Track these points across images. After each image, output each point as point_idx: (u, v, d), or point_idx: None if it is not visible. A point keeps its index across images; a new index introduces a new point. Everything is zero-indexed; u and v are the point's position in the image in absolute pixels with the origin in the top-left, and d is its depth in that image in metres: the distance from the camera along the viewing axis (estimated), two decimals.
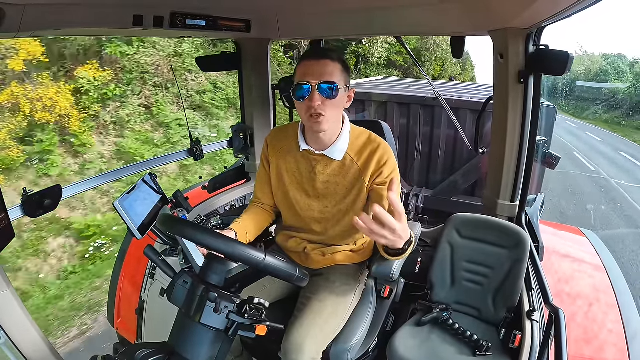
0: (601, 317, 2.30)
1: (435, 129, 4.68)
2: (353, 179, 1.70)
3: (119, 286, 2.80)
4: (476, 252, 2.03)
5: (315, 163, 1.73)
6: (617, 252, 7.56)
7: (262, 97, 2.75)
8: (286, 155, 1.79)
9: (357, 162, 1.69)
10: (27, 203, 1.65)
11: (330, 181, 1.73)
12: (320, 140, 1.67)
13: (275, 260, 1.21)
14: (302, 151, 1.73)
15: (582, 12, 1.48)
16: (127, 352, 1.16)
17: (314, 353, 1.59)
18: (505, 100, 1.96)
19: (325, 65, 1.55)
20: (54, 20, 1.44)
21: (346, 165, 1.71)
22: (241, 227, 1.72)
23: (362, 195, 1.70)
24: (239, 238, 1.65)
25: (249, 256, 1.17)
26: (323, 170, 1.73)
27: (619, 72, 37.21)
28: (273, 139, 1.85)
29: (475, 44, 28.66)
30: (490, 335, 1.90)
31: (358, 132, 1.74)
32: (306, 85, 1.53)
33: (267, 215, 1.91)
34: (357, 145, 1.71)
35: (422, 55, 20.18)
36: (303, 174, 1.76)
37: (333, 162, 1.71)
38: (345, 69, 1.61)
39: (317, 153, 1.70)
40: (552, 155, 2.90)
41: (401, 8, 1.99)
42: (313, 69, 1.55)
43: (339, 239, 1.84)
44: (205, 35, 2.38)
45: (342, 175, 1.72)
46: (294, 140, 1.76)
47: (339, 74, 1.57)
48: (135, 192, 1.77)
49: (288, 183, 1.80)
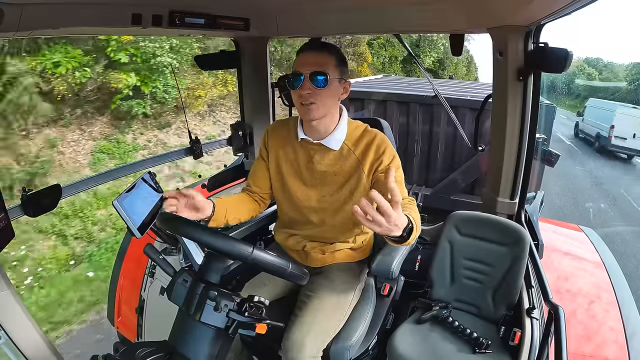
0: (601, 315, 2.31)
1: (434, 127, 4.68)
2: (350, 168, 1.72)
3: (119, 285, 2.80)
4: (476, 249, 2.04)
5: (313, 152, 1.75)
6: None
7: (261, 95, 2.75)
8: (285, 145, 1.81)
9: (355, 151, 1.72)
10: (27, 203, 1.65)
11: (327, 170, 1.74)
12: (316, 129, 1.70)
13: (264, 254, 1.20)
14: (300, 141, 1.75)
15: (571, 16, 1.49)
16: (127, 351, 1.16)
17: (314, 351, 1.60)
18: (504, 98, 1.96)
19: (319, 57, 1.60)
20: (53, 20, 1.43)
21: (343, 155, 1.73)
22: (221, 204, 1.67)
23: (361, 185, 1.71)
24: (216, 213, 1.61)
25: (235, 249, 1.17)
26: (320, 159, 1.74)
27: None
28: (274, 129, 1.88)
29: (478, 47, 28.76)
30: (490, 332, 1.91)
31: (355, 124, 1.78)
32: (299, 74, 1.58)
33: (253, 204, 1.87)
34: (355, 136, 1.74)
35: (443, 61, 20.77)
36: (301, 163, 1.78)
37: (330, 151, 1.73)
38: (340, 62, 1.65)
39: (315, 142, 1.73)
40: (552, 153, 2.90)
41: (400, 6, 1.99)
42: (307, 60, 1.61)
43: (337, 232, 1.84)
44: (204, 33, 2.38)
45: (339, 164, 1.73)
46: (293, 131, 1.79)
47: (333, 65, 1.61)
48: (135, 190, 1.77)
49: (286, 172, 1.81)
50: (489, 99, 2.22)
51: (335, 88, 1.64)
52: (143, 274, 2.49)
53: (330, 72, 1.59)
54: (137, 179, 1.82)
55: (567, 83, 36.02)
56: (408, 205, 1.44)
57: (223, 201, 1.69)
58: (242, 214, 1.80)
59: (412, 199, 1.53)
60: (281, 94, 2.67)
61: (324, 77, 1.58)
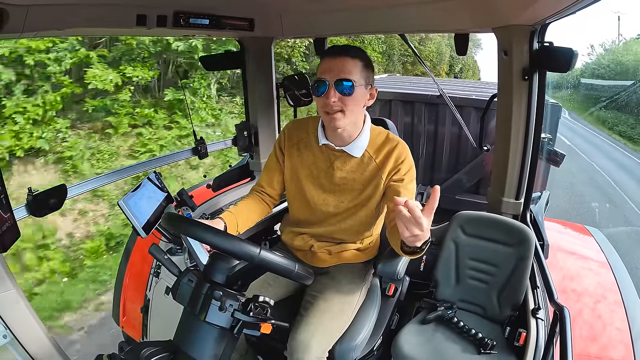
0: (607, 315, 2.29)
1: (439, 127, 4.66)
2: (370, 175, 1.71)
3: (124, 285, 2.80)
4: (481, 249, 2.03)
5: (334, 158, 1.73)
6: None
7: (266, 95, 2.75)
8: (304, 148, 1.79)
9: (375, 159, 1.70)
10: (32, 203, 1.65)
11: (347, 177, 1.73)
12: (340, 136, 1.68)
13: (271, 254, 1.20)
14: (321, 146, 1.73)
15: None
16: (133, 351, 1.16)
17: (320, 352, 1.60)
18: (509, 97, 1.95)
19: (344, 63, 1.55)
20: (57, 21, 1.44)
21: (364, 162, 1.71)
22: (231, 218, 1.69)
23: (378, 191, 1.71)
24: (229, 229, 1.63)
25: (243, 250, 1.17)
26: (341, 166, 1.73)
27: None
28: (292, 130, 1.85)
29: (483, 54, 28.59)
30: (495, 333, 1.90)
31: (378, 130, 1.76)
32: (324, 81, 1.54)
33: (263, 208, 1.88)
34: (377, 143, 1.72)
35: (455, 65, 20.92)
36: (320, 168, 1.76)
37: (352, 158, 1.71)
38: (366, 67, 1.60)
39: (337, 149, 1.71)
40: (557, 153, 2.89)
41: (405, 5, 1.98)
42: (331, 66, 1.56)
43: (348, 235, 1.83)
44: (209, 34, 2.38)
45: (359, 171, 1.72)
46: (313, 134, 1.77)
47: (359, 71, 1.56)
48: (140, 190, 1.78)
49: (303, 177, 1.79)
50: (494, 98, 2.21)
51: (362, 95, 1.60)
52: (148, 273, 2.50)
53: (357, 78, 1.55)
54: (142, 179, 1.84)
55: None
56: None
57: (232, 215, 1.70)
58: (253, 220, 1.81)
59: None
60: (286, 94, 2.68)
61: (350, 84, 1.53)
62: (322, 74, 1.56)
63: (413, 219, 1.10)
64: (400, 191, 1.63)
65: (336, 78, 1.53)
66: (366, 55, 1.64)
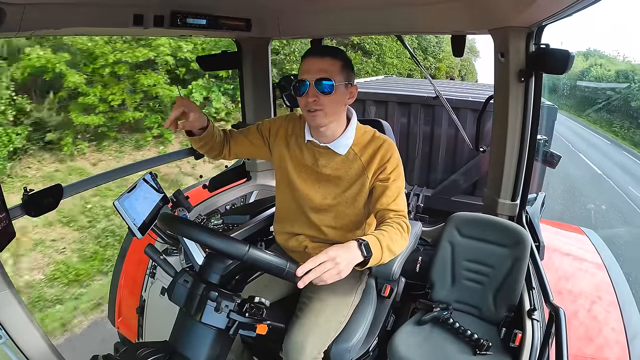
0: (602, 316, 2.30)
1: (435, 128, 4.68)
2: (356, 174, 1.71)
3: (120, 285, 2.79)
4: (477, 251, 2.03)
5: (319, 155, 1.74)
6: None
7: (263, 96, 2.75)
8: (292, 140, 1.80)
9: (361, 157, 1.70)
10: (28, 202, 1.65)
11: (332, 174, 1.73)
12: (323, 133, 1.68)
13: (261, 252, 1.19)
14: (306, 142, 1.74)
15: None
16: (128, 351, 1.16)
17: (315, 352, 1.60)
18: (506, 99, 1.96)
19: (324, 63, 1.57)
20: (54, 20, 1.44)
21: (349, 160, 1.71)
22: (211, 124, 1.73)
23: (365, 190, 1.70)
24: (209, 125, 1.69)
25: (230, 248, 1.17)
26: (326, 162, 1.73)
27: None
28: (282, 121, 1.85)
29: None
30: (491, 334, 1.90)
31: (364, 129, 1.76)
32: (304, 81, 1.56)
33: (223, 144, 1.85)
34: (362, 141, 1.72)
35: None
36: (306, 163, 1.77)
37: (336, 155, 1.72)
38: (346, 66, 1.62)
39: (322, 145, 1.71)
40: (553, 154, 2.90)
41: (401, 6, 1.99)
42: (311, 66, 1.58)
43: (338, 234, 1.82)
44: (206, 34, 2.38)
45: (344, 169, 1.72)
46: (301, 129, 1.78)
47: (338, 71, 1.58)
48: (136, 191, 1.77)
49: (291, 170, 1.79)
50: (490, 100, 2.22)
51: (342, 93, 1.62)
52: (144, 274, 2.49)
53: (336, 77, 1.57)
54: (138, 180, 1.83)
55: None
56: (386, 228, 1.48)
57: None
58: (219, 143, 1.82)
59: (401, 223, 1.53)
60: (282, 95, 2.68)
61: (330, 83, 1.55)
62: (302, 74, 1.59)
63: (315, 270, 1.24)
64: (386, 191, 1.64)
65: (316, 78, 1.55)
66: (345, 55, 1.66)
